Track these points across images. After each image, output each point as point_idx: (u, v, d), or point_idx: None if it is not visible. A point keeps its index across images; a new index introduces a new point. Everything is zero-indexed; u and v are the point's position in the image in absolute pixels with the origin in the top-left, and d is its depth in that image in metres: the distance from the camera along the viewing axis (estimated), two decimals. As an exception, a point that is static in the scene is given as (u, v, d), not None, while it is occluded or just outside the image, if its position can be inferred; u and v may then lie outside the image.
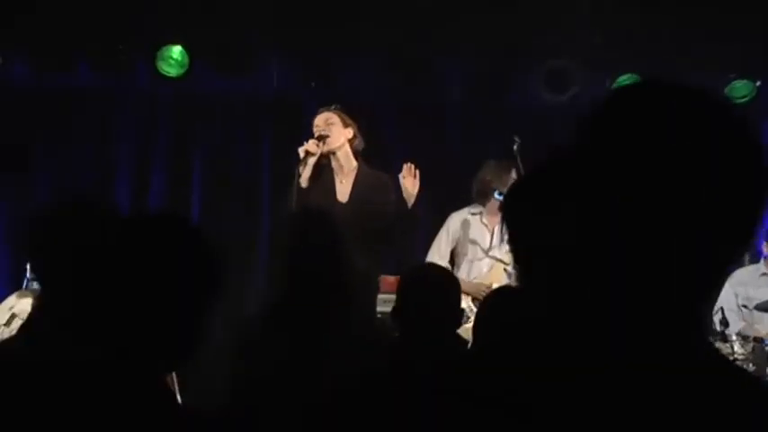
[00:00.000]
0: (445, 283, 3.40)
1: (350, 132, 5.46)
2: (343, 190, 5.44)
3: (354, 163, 5.49)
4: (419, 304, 3.22)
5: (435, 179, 6.98)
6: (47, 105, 7.05)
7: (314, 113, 6.33)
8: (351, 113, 5.53)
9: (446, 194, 6.96)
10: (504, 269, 6.03)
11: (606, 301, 1.04)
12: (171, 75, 6.76)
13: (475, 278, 5.98)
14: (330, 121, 5.45)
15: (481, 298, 5.09)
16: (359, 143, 5.50)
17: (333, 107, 5.52)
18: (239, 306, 6.70)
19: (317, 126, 5.47)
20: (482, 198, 6.15)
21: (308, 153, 5.31)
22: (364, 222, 5.23)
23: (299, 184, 5.24)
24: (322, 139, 5.37)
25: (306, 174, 5.29)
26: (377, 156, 6.59)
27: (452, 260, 6.17)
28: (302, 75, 6.97)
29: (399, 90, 7.11)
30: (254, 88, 7.13)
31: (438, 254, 6.13)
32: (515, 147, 5.96)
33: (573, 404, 0.98)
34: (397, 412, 1.05)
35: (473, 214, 6.19)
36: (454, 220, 6.20)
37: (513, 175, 5.93)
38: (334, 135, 5.42)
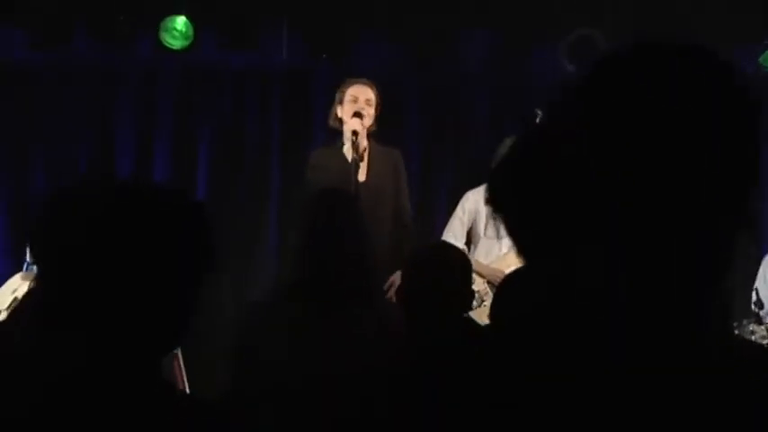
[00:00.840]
0: (452, 263, 3.26)
1: (375, 115, 5.38)
2: (360, 170, 5.25)
3: (365, 142, 5.31)
4: (423, 286, 3.13)
5: (455, 155, 7.08)
6: (45, 80, 6.86)
7: (325, 86, 6.35)
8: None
9: (467, 171, 6.82)
10: None
11: (606, 295, 1.02)
12: (175, 47, 6.55)
13: (493, 260, 5.78)
14: (370, 102, 5.32)
15: (497, 283, 5.00)
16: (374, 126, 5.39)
17: (370, 82, 5.40)
18: (247, 284, 6.63)
19: (354, 98, 5.32)
20: None
21: (356, 134, 5.20)
22: (382, 200, 5.19)
23: (355, 162, 5.12)
24: (361, 116, 5.23)
25: (350, 152, 5.20)
26: (393, 131, 6.51)
27: (469, 240, 6.01)
28: (313, 46, 6.77)
29: (416, 62, 6.92)
30: (263, 60, 6.93)
31: (453, 234, 5.96)
32: (538, 120, 5.75)
33: (572, 406, 0.97)
34: (397, 408, 1.05)
35: None
36: (471, 199, 6.01)
37: None
38: (369, 117, 5.29)
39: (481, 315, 5.23)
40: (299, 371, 3.16)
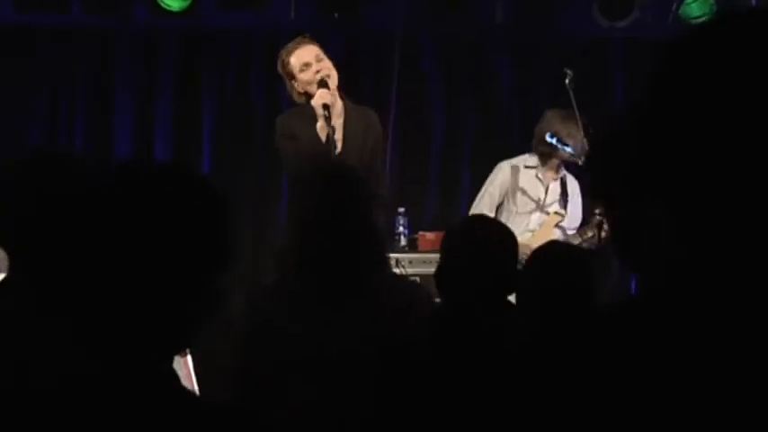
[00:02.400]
0: (500, 240, 3.11)
1: (333, 66, 4.78)
2: (336, 137, 4.69)
3: (340, 102, 4.79)
4: (467, 266, 3.00)
5: (479, 119, 6.93)
6: (34, 47, 6.65)
7: (339, 49, 6.20)
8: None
9: (491, 134, 6.76)
10: (558, 225, 5.69)
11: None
12: (173, 8, 6.32)
13: (523, 233, 5.51)
14: (320, 56, 4.74)
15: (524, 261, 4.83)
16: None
17: (307, 37, 4.85)
18: (254, 273, 6.42)
19: (305, 64, 4.74)
20: (545, 157, 5.70)
21: (326, 106, 4.61)
22: (362, 170, 4.61)
23: (328, 142, 4.59)
24: (326, 85, 4.67)
25: (324, 130, 4.62)
26: (412, 95, 6.62)
27: (498, 215, 5.79)
28: (323, 4, 6.51)
29: (435, 18, 6.64)
30: (269, 21, 6.65)
31: (480, 209, 5.71)
32: (567, 81, 5.55)
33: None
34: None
35: (528, 167, 5.78)
36: (503, 170, 5.77)
37: (580, 125, 5.48)
38: (333, 77, 4.71)
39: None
40: (318, 351, 3.09)
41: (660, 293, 1.05)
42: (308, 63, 4.72)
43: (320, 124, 4.62)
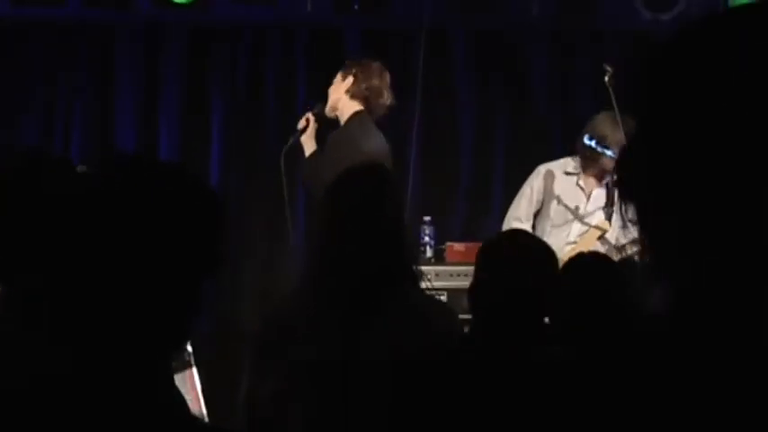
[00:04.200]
0: (539, 256, 3.05)
1: (347, 83, 5.21)
2: None
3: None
4: (502, 284, 2.94)
5: (512, 119, 6.77)
6: (30, 43, 6.51)
7: (357, 44, 6.33)
8: (361, 60, 5.34)
9: (526, 135, 6.59)
10: (601, 238, 5.36)
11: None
12: (179, 0, 6.26)
13: (563, 247, 5.23)
14: (334, 81, 5.35)
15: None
16: (358, 87, 5.20)
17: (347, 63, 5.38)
18: (266, 273, 6.37)
19: None
20: (591, 162, 5.35)
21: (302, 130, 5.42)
22: None
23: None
24: (313, 109, 5.39)
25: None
26: (439, 93, 6.53)
27: (535, 224, 5.60)
28: None
29: (465, 11, 6.53)
30: (283, 14, 6.57)
31: (518, 217, 5.47)
32: (607, 78, 5.28)
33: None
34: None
35: (568, 174, 5.48)
36: (542, 174, 5.51)
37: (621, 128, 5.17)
38: (331, 95, 5.29)
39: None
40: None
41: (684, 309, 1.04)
42: None
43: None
